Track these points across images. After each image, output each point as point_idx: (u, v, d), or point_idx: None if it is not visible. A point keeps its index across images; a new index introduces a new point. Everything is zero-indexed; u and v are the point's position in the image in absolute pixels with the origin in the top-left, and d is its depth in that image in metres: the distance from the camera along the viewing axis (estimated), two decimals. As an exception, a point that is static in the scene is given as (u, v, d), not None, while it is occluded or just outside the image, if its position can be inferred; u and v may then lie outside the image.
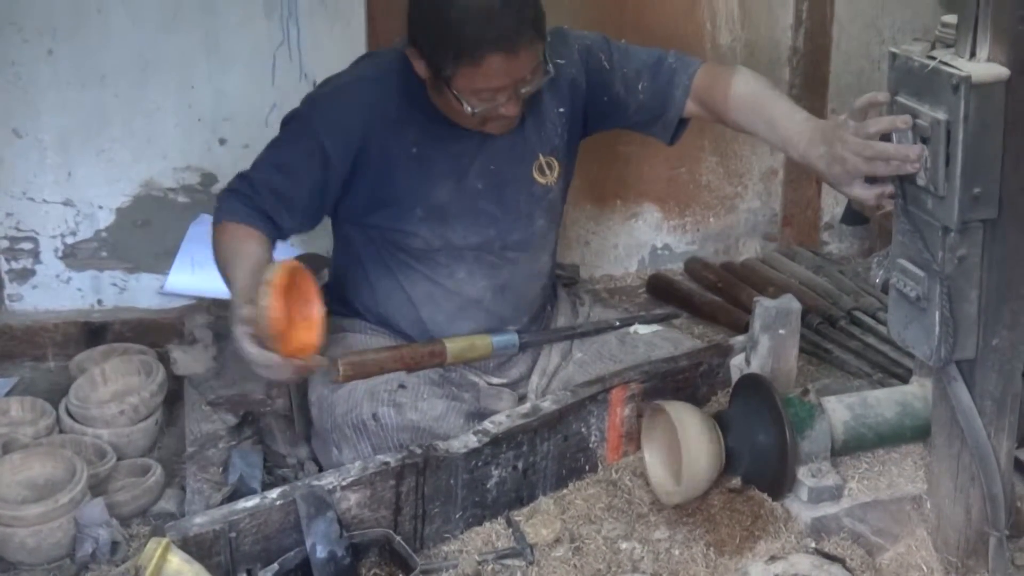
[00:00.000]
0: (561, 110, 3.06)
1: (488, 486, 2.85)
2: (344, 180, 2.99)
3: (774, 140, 2.85)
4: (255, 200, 2.92)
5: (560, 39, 3.07)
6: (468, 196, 3.04)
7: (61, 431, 3.24)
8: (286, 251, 3.89)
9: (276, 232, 2.96)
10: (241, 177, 2.98)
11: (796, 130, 2.73)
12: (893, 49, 2.35)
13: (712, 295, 4.11)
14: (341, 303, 3.22)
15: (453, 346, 3.09)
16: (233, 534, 2.56)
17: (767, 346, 2.96)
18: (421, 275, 3.09)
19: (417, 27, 2.84)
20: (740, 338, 3.20)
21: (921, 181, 2.27)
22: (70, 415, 3.25)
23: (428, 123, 2.97)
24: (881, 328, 3.63)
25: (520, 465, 2.89)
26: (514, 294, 3.21)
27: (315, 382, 3.12)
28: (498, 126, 2.94)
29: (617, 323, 3.34)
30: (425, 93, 2.95)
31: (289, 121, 3.05)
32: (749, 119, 2.92)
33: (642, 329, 3.33)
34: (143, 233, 3.87)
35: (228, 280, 2.79)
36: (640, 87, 3.10)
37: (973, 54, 2.22)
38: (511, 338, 3.18)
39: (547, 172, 3.09)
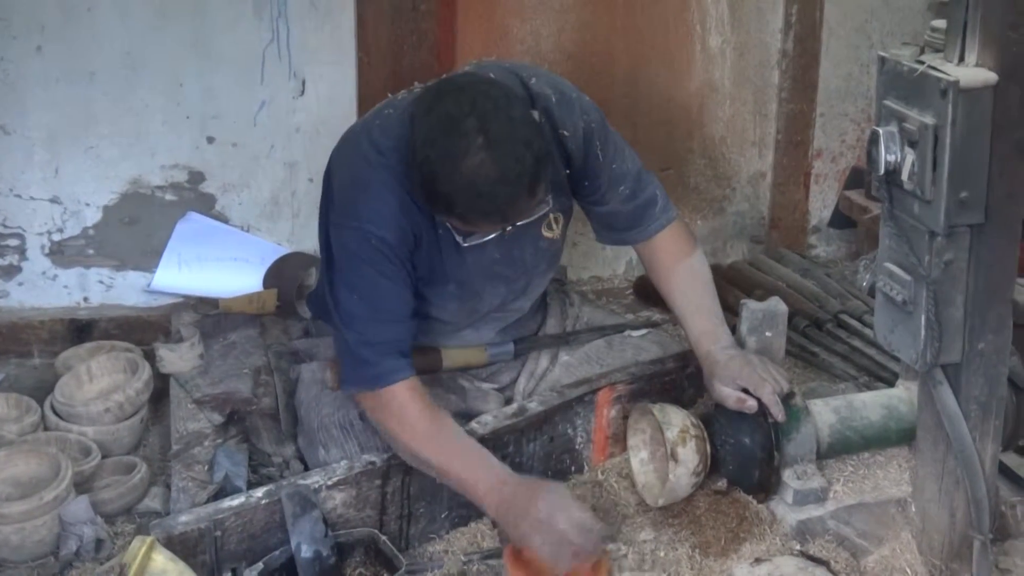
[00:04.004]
0: (567, 171, 2.99)
1: (474, 486, 2.85)
2: (411, 261, 2.86)
3: (685, 331, 3.11)
4: (384, 349, 2.80)
5: (567, 108, 2.92)
6: (490, 265, 2.99)
7: (46, 428, 3.23)
8: (274, 250, 3.89)
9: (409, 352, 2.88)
10: (349, 324, 2.81)
11: (703, 349, 2.99)
12: (882, 53, 2.36)
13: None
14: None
15: (449, 356, 3.09)
16: (218, 533, 2.56)
17: (754, 348, 2.96)
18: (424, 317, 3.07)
19: (411, 166, 2.68)
20: (727, 340, 3.20)
21: (908, 186, 2.28)
22: (55, 412, 3.24)
23: None
24: (867, 331, 3.63)
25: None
26: (513, 328, 3.23)
27: (304, 381, 3.12)
28: None
29: (608, 331, 3.35)
30: None
31: (342, 250, 2.84)
32: (675, 306, 3.12)
33: (632, 332, 3.33)
34: (130, 231, 3.86)
35: (461, 470, 2.72)
36: (620, 191, 3.06)
37: (962, 59, 2.23)
38: (507, 348, 3.18)
39: (554, 227, 3.05)
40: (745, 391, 2.83)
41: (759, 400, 2.79)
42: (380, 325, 2.81)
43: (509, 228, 2.79)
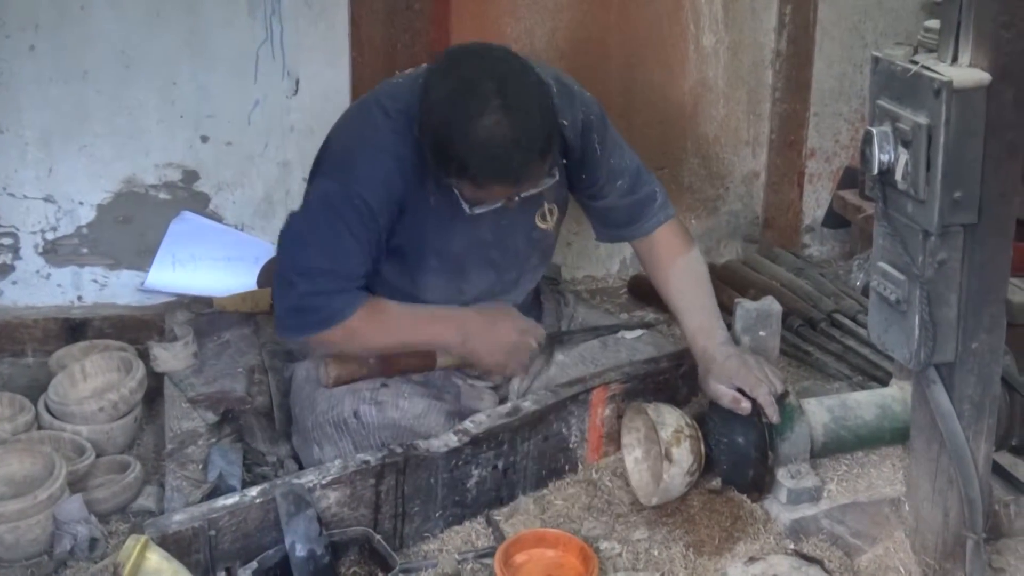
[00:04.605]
0: (564, 161, 3.01)
1: (468, 485, 2.86)
2: (390, 228, 2.90)
3: (681, 327, 3.13)
4: (334, 292, 2.87)
5: (567, 99, 2.97)
6: (480, 246, 3.02)
7: (40, 427, 3.23)
8: (268, 249, 3.88)
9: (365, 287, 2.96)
10: (305, 274, 2.87)
11: (699, 346, 3.01)
12: (876, 53, 2.36)
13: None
14: None
15: (443, 354, 3.09)
16: (212, 532, 2.56)
17: (748, 348, 2.97)
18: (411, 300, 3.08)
19: (424, 133, 2.74)
20: (721, 340, 3.20)
21: (902, 185, 2.28)
22: (49, 411, 3.24)
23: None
24: (861, 331, 3.64)
25: (500, 465, 2.89)
26: None
27: (297, 380, 3.12)
28: None
29: (603, 331, 3.35)
30: None
31: (321, 200, 2.90)
32: (672, 303, 3.15)
33: (628, 334, 3.34)
34: (124, 230, 3.86)
35: (433, 332, 3.00)
36: (619, 185, 3.10)
37: (955, 59, 2.23)
38: None
39: (548, 218, 3.07)
40: (740, 391, 2.83)
41: (754, 401, 2.80)
42: (334, 279, 2.87)
43: (516, 199, 2.81)
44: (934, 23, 2.33)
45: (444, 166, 2.73)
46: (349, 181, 2.84)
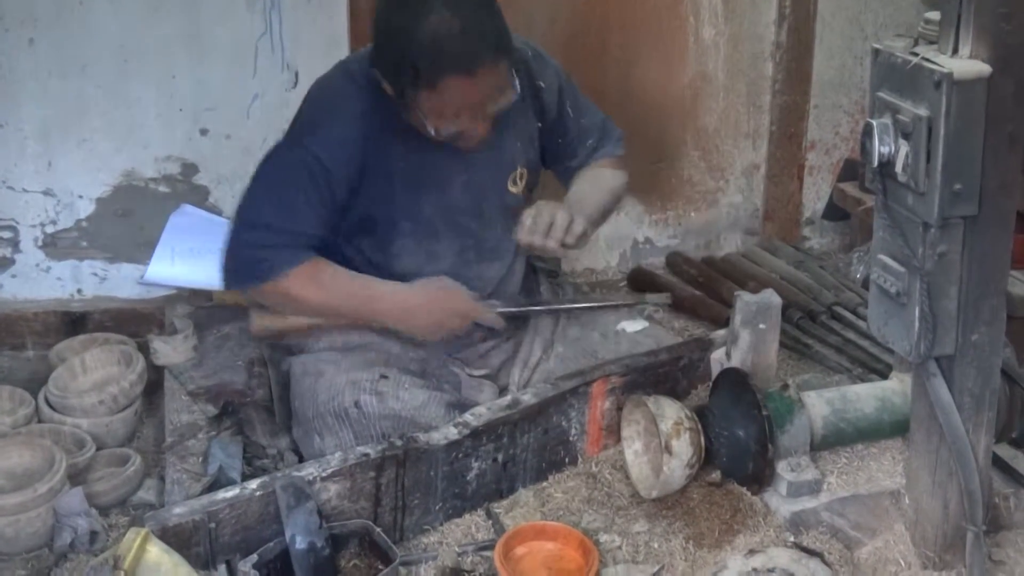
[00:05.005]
0: (539, 124, 3.06)
1: (468, 478, 2.86)
2: (349, 190, 2.95)
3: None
4: (280, 246, 2.93)
5: (543, 63, 3.08)
6: (451, 210, 3.04)
7: (40, 420, 3.23)
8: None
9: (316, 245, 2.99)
10: (251, 227, 2.95)
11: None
12: (876, 45, 2.36)
13: (693, 289, 4.11)
14: None
15: None
16: (212, 524, 2.56)
17: (747, 341, 2.96)
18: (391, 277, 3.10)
19: (378, 51, 2.84)
20: (720, 332, 3.21)
21: (902, 177, 2.28)
22: (49, 405, 3.24)
23: (411, 136, 2.92)
24: (861, 323, 3.64)
25: (500, 457, 2.89)
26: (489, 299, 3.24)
27: (295, 375, 3.12)
28: (466, 143, 2.92)
29: (595, 304, 3.39)
30: None
31: (278, 164, 2.99)
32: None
33: (629, 327, 3.34)
34: (123, 223, 3.86)
35: (368, 309, 3.01)
36: (588, 144, 3.22)
37: (955, 51, 2.22)
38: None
39: (518, 182, 3.12)
40: None
41: (754, 394, 2.79)
42: (277, 233, 2.93)
43: (480, 119, 2.84)
44: (934, 15, 2.32)
45: (398, 79, 2.78)
46: (310, 145, 2.90)
